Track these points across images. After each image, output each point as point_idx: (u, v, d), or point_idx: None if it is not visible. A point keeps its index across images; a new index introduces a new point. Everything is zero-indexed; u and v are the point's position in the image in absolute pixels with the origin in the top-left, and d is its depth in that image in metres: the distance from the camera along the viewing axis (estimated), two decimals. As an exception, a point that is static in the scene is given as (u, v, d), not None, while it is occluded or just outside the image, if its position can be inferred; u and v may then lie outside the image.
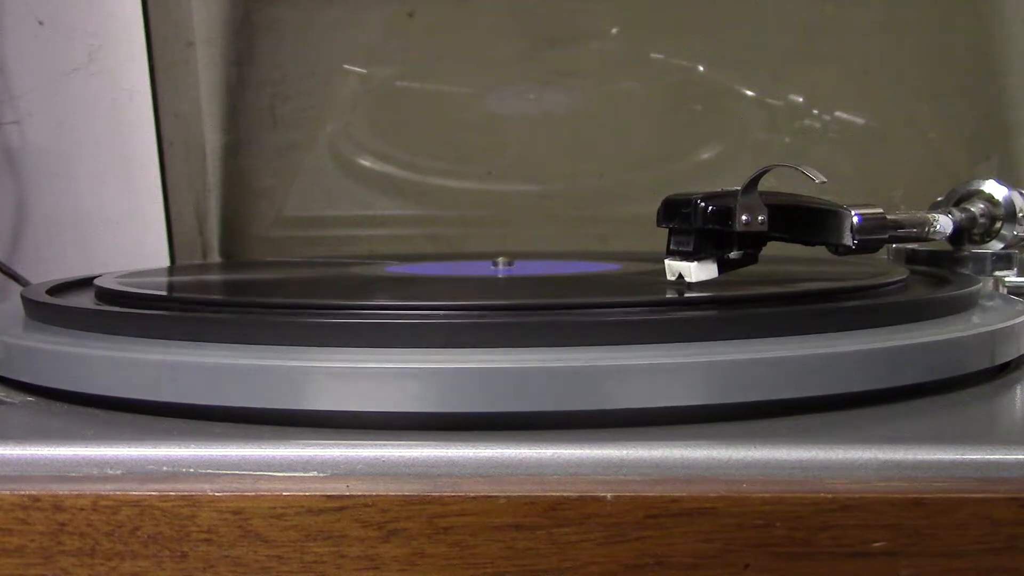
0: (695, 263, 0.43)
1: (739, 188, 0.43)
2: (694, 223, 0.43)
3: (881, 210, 0.45)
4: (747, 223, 0.43)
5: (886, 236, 0.46)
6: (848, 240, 0.44)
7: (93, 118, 0.83)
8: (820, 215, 0.45)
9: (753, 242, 0.45)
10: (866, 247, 0.45)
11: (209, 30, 0.82)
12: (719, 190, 0.44)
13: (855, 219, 0.44)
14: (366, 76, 0.82)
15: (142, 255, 0.82)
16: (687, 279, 0.44)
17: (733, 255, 0.44)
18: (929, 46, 0.80)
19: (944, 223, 0.51)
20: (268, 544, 0.30)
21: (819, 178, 0.42)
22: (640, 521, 0.30)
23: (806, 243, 0.46)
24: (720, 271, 0.44)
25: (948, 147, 0.80)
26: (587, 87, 0.82)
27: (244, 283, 0.61)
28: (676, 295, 0.43)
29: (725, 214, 0.43)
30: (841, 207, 0.45)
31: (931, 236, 0.51)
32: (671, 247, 0.44)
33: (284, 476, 0.31)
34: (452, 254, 0.79)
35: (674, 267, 0.44)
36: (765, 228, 0.44)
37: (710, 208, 0.43)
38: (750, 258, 0.45)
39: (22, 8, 0.82)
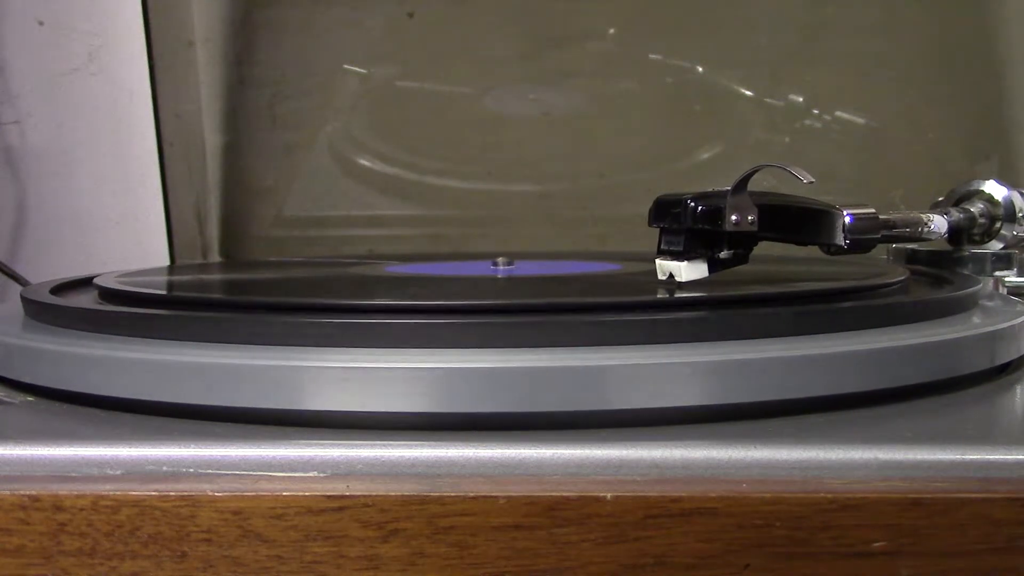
0: (685, 263, 0.44)
1: (729, 188, 0.43)
2: (684, 223, 0.43)
3: (873, 210, 0.45)
4: (737, 223, 0.43)
5: (878, 236, 0.46)
6: (840, 240, 0.44)
7: (93, 118, 0.83)
8: (812, 215, 0.45)
9: (744, 242, 0.45)
10: (858, 247, 0.44)
11: (209, 30, 0.82)
12: (710, 190, 0.44)
13: (847, 219, 0.44)
14: (366, 76, 0.82)
15: (142, 255, 0.82)
16: (677, 278, 0.44)
17: (723, 255, 0.44)
18: (929, 46, 0.80)
19: (938, 223, 0.51)
20: (268, 544, 0.30)
21: (807, 178, 0.42)
22: (640, 521, 0.30)
23: (798, 243, 0.46)
24: (711, 271, 0.44)
25: (948, 147, 0.80)
26: (587, 87, 0.82)
27: (244, 283, 0.61)
28: (678, 296, 0.43)
29: (715, 214, 0.43)
30: (833, 207, 0.44)
31: (925, 236, 0.51)
32: (662, 247, 0.45)
33: (284, 476, 0.31)
34: (452, 254, 0.79)
35: (665, 266, 0.44)
36: (755, 228, 0.44)
37: (700, 208, 0.43)
38: (740, 258, 0.45)
39: (22, 8, 0.82)
